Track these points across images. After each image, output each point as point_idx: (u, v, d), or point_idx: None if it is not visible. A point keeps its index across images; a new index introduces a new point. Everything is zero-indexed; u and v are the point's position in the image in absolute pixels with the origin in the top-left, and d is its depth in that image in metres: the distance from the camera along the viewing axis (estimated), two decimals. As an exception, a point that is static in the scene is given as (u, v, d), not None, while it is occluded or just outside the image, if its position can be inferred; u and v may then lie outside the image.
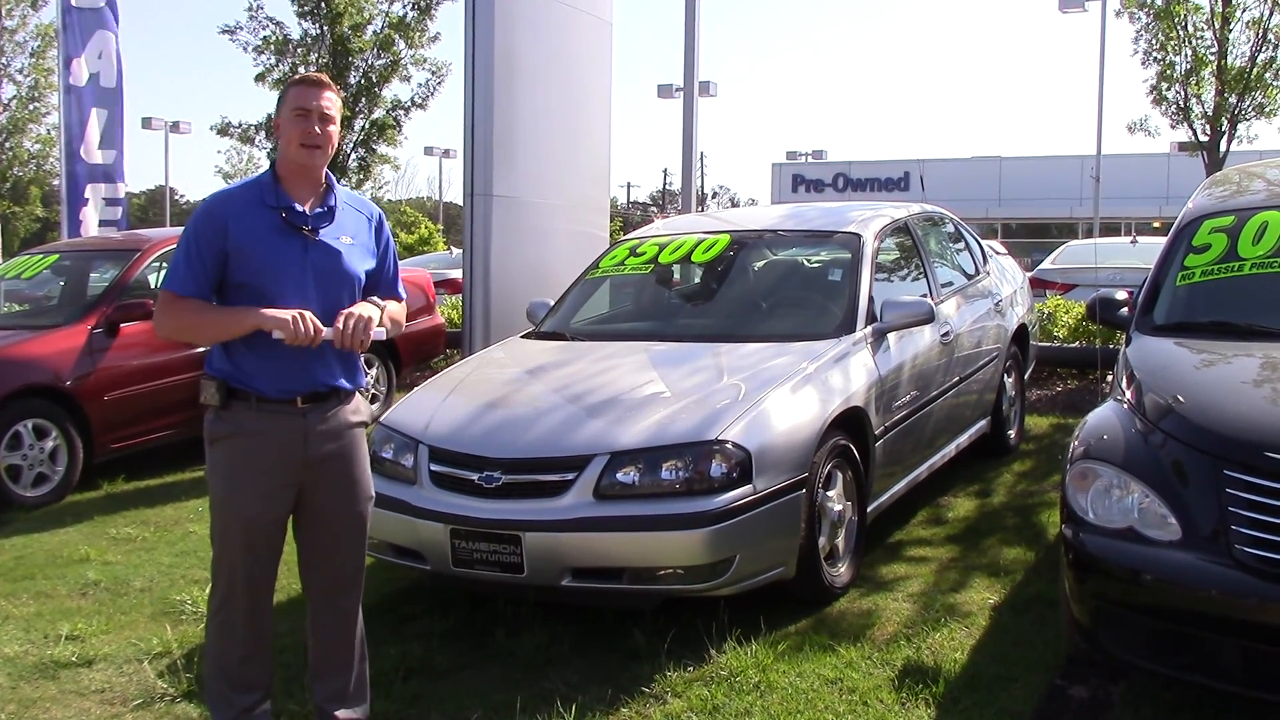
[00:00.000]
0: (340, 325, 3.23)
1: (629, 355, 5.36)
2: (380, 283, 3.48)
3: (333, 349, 3.30)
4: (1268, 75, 25.00)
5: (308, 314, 3.19)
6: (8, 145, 32.10)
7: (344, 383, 3.39)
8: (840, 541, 4.87)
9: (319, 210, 3.33)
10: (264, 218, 3.26)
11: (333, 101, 3.32)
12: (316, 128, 3.27)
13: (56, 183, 20.11)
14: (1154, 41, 25.36)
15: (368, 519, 3.52)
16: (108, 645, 4.58)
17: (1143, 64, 25.76)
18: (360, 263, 3.39)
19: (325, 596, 3.52)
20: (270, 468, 3.30)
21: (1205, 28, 25.07)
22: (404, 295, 3.59)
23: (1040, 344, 8.86)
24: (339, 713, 3.53)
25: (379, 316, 3.34)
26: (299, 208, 3.29)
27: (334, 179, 3.42)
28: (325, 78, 3.39)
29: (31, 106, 31.82)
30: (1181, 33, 24.91)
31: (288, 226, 3.27)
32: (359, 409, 3.48)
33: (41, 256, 8.79)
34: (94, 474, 7.35)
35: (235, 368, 3.28)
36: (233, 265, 3.24)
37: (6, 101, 31.65)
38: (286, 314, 3.17)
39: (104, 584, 5.39)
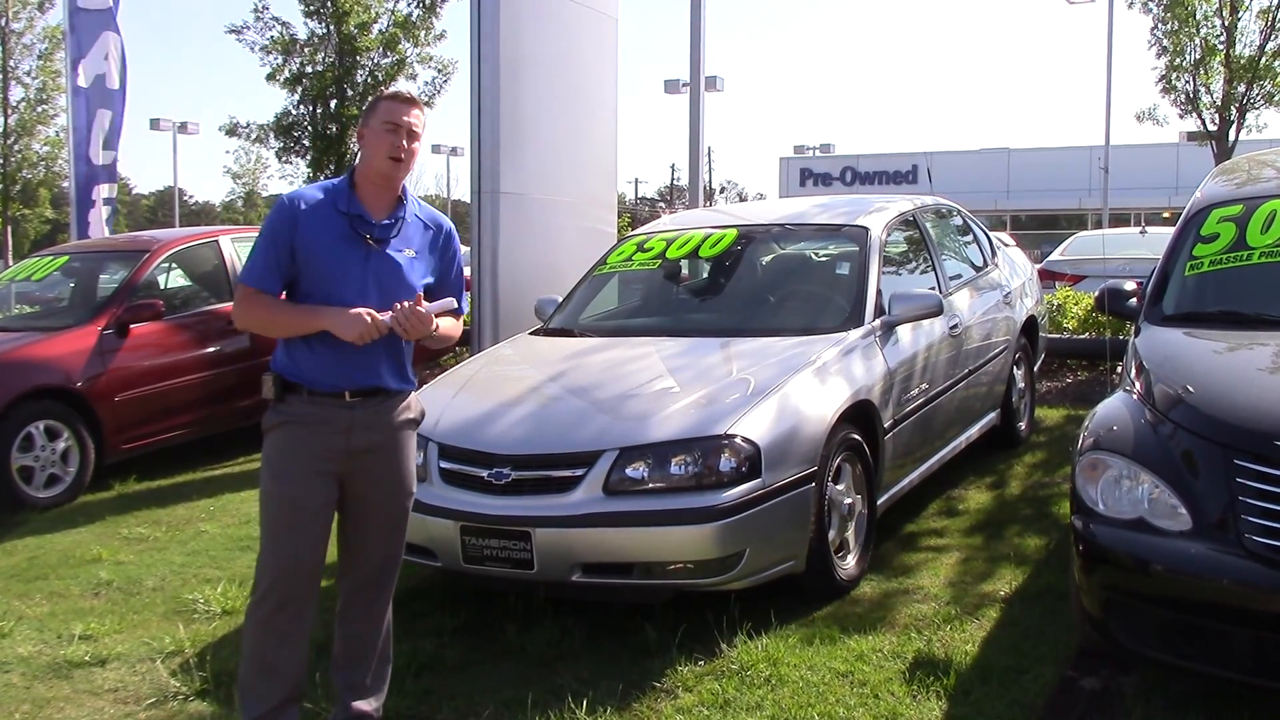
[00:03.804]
0: (396, 310, 3.31)
1: (637, 351, 5.36)
2: (439, 296, 3.50)
3: (384, 351, 3.39)
4: (1277, 64, 24.92)
5: (368, 313, 3.27)
6: (16, 148, 32.22)
7: (390, 383, 3.45)
8: (850, 534, 4.87)
9: (387, 221, 3.40)
10: (333, 222, 3.35)
11: (420, 119, 3.42)
12: (404, 143, 3.36)
13: (65, 185, 20.17)
14: (1166, 30, 25.31)
15: (408, 514, 3.58)
16: (121, 644, 4.60)
17: (1157, 55, 25.73)
18: (420, 276, 3.46)
19: (357, 588, 3.58)
20: (313, 453, 3.36)
21: (1215, 16, 25.00)
22: (463, 310, 3.62)
23: (1050, 335, 8.84)
24: (356, 704, 3.58)
25: (432, 313, 3.40)
26: (368, 217, 3.38)
27: (409, 192, 3.49)
28: (415, 96, 3.53)
29: (40, 109, 31.94)
30: (1192, 21, 24.85)
31: (353, 234, 3.35)
32: (410, 406, 3.54)
33: (51, 258, 8.82)
34: (106, 474, 7.38)
35: (291, 362, 3.38)
36: (299, 263, 3.33)
37: (15, 104, 31.76)
38: (354, 319, 3.26)
39: (117, 584, 5.41)
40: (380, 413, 3.44)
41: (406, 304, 3.31)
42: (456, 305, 3.51)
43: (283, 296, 3.40)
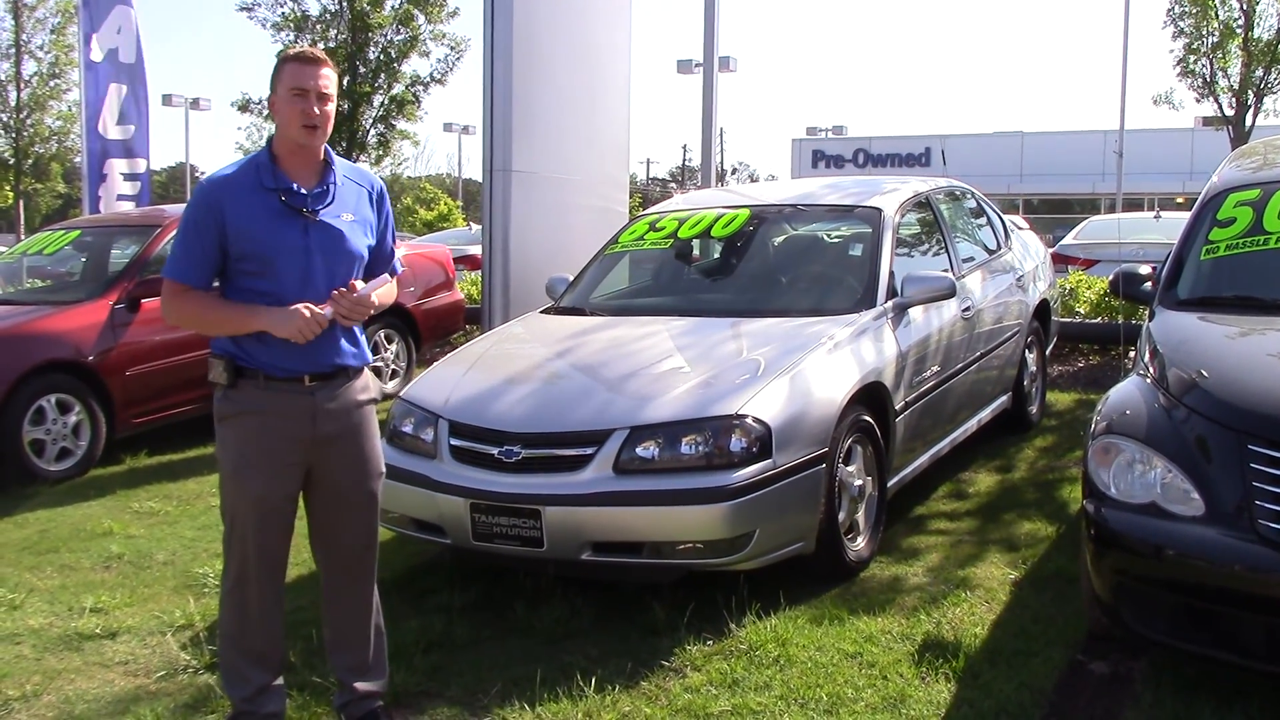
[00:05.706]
0: (335, 300, 3.21)
1: (648, 330, 5.35)
2: (378, 258, 3.42)
3: (339, 328, 3.29)
4: (1295, 48, 24.75)
5: (306, 309, 3.14)
6: (29, 122, 32.27)
7: (350, 361, 3.35)
8: (860, 516, 4.86)
9: (318, 189, 3.26)
10: (262, 201, 3.20)
11: (330, 79, 3.25)
12: (315, 108, 3.20)
13: (78, 159, 20.18)
14: (1184, 11, 25.16)
15: (379, 495, 3.50)
16: (131, 618, 4.62)
17: (1173, 37, 25.58)
18: (362, 240, 3.34)
19: (339, 573, 3.51)
20: (278, 445, 3.27)
21: (1233, -1, 24.85)
22: (399, 269, 3.55)
23: (1062, 319, 8.81)
24: (358, 684, 3.54)
25: (369, 293, 3.28)
26: (298, 188, 3.23)
27: (332, 154, 3.36)
28: (320, 53, 3.30)
29: (52, 83, 32.00)
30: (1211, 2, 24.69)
31: (287, 209, 3.21)
32: (368, 386, 3.44)
33: (63, 232, 8.83)
34: (116, 448, 7.40)
35: (239, 348, 3.25)
36: (231, 242, 3.18)
37: (28, 78, 31.80)
38: (291, 316, 3.14)
39: (127, 557, 5.43)
40: (341, 395, 3.33)
41: (343, 290, 3.20)
42: (391, 278, 3.40)
43: (215, 284, 3.25)
